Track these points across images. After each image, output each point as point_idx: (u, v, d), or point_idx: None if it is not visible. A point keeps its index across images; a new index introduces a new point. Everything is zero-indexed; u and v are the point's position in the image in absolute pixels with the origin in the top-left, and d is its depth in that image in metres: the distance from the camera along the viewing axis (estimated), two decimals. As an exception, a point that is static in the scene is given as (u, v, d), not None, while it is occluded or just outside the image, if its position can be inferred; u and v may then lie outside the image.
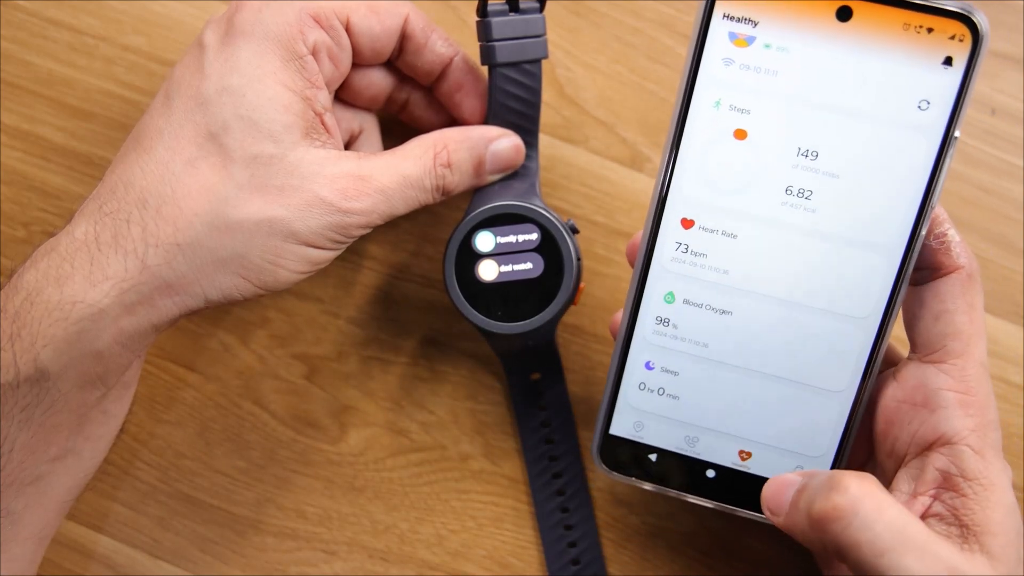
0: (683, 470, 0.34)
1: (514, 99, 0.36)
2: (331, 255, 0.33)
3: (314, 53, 0.32)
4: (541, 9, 0.35)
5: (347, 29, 0.33)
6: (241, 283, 0.31)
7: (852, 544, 0.27)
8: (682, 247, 0.32)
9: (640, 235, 0.33)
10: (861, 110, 0.30)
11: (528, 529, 0.40)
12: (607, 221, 0.40)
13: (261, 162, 0.31)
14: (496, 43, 0.34)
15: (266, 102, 0.31)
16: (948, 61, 0.29)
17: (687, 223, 0.32)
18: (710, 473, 0.33)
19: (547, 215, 0.35)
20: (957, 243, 0.31)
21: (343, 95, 0.36)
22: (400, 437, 0.40)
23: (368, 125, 0.38)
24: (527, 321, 0.35)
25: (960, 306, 0.30)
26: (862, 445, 0.33)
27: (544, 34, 0.35)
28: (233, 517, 0.41)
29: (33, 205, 0.41)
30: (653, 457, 0.34)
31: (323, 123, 0.33)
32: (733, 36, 0.30)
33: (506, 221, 0.35)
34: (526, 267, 0.35)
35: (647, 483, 0.34)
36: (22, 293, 0.30)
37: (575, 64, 0.40)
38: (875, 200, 0.31)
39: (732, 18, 0.30)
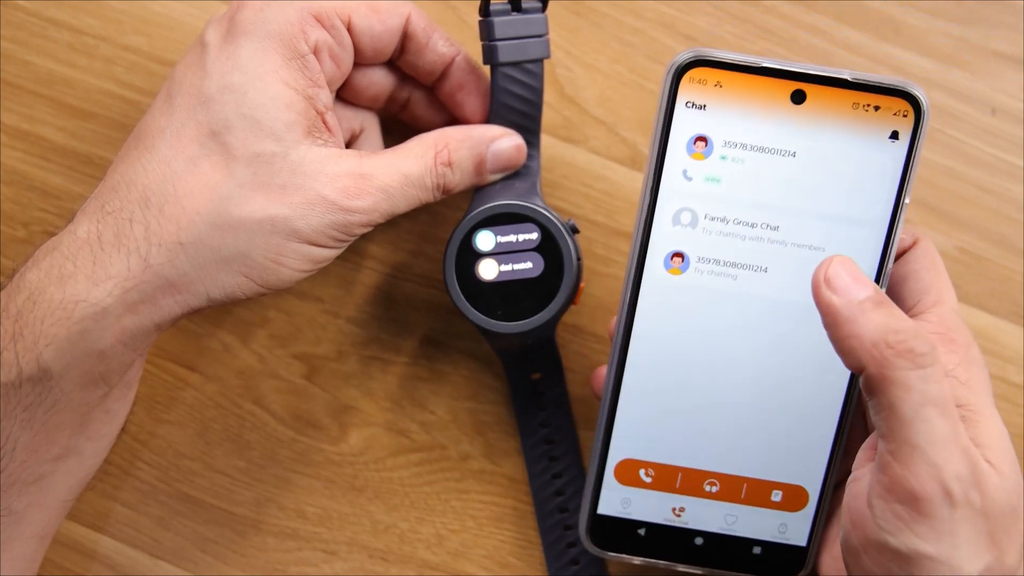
0: (672, 541, 0.34)
1: (516, 99, 0.36)
2: (333, 253, 0.33)
3: (315, 52, 0.32)
4: (543, 9, 0.35)
5: (348, 28, 0.33)
6: (244, 282, 0.31)
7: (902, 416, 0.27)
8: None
9: (603, 370, 0.34)
10: (818, 190, 0.32)
11: (528, 529, 0.40)
12: (607, 221, 0.40)
13: (263, 160, 0.31)
14: (498, 42, 0.34)
15: (268, 100, 0.31)
16: (895, 135, 0.31)
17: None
18: (698, 540, 0.34)
19: (548, 215, 0.35)
20: (903, 238, 0.33)
21: (344, 94, 0.36)
22: (400, 437, 0.40)
23: (369, 124, 0.38)
24: (527, 320, 0.35)
25: (924, 264, 0.32)
26: (858, 420, 0.34)
27: (546, 34, 0.35)
28: (233, 517, 0.41)
29: (33, 205, 0.41)
30: (642, 532, 0.34)
31: (324, 122, 0.33)
32: (691, 150, 0.32)
33: (507, 220, 0.35)
34: (526, 266, 0.35)
35: (637, 557, 0.34)
36: (24, 292, 0.30)
37: (575, 64, 0.40)
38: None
39: (692, 105, 0.31)
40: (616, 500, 0.34)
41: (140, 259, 0.30)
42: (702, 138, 0.31)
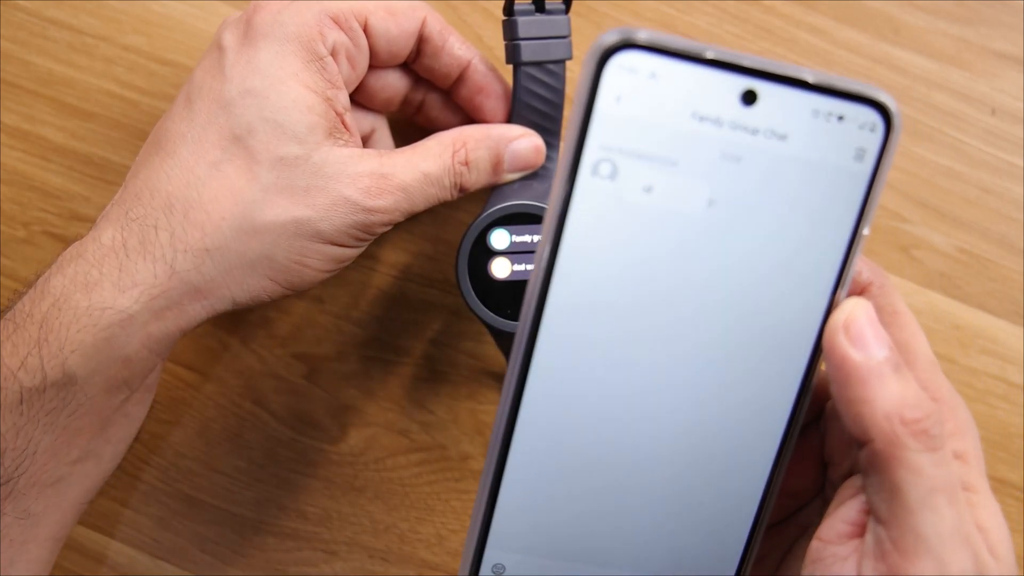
0: None
1: (538, 99, 0.35)
2: (355, 252, 0.33)
3: (333, 54, 0.32)
4: (566, 11, 0.35)
5: (364, 30, 0.33)
6: (269, 284, 0.32)
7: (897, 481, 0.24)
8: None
9: None
10: (761, 210, 0.26)
11: (528, 529, 0.40)
12: (607, 221, 0.40)
13: (286, 163, 0.31)
14: (521, 42, 0.34)
15: (290, 104, 0.31)
16: (859, 154, 0.25)
17: None
18: None
19: None
20: (860, 272, 0.27)
21: (357, 98, 0.36)
22: (400, 437, 0.40)
23: (379, 125, 0.38)
24: None
25: (886, 318, 0.26)
26: (809, 473, 0.30)
27: (569, 35, 0.35)
28: (233, 517, 0.41)
29: (33, 205, 0.41)
30: None
31: (344, 123, 0.33)
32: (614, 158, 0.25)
33: (523, 221, 0.35)
34: None
35: None
36: (49, 299, 0.30)
37: (575, 64, 0.40)
38: (782, 300, 0.26)
39: (619, 100, 0.25)
40: (498, 567, 0.28)
41: (166, 266, 0.30)
42: (625, 148, 0.25)
